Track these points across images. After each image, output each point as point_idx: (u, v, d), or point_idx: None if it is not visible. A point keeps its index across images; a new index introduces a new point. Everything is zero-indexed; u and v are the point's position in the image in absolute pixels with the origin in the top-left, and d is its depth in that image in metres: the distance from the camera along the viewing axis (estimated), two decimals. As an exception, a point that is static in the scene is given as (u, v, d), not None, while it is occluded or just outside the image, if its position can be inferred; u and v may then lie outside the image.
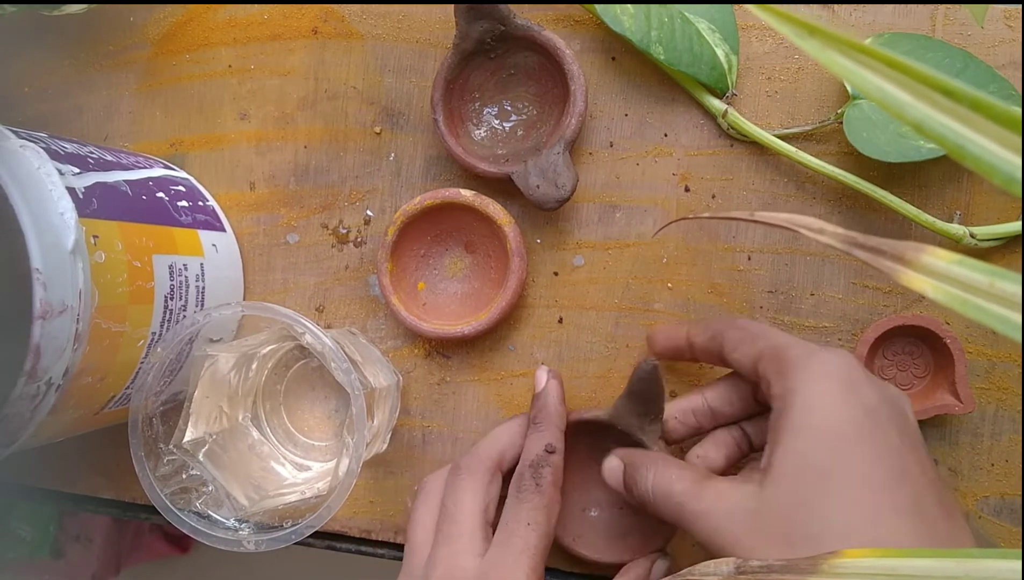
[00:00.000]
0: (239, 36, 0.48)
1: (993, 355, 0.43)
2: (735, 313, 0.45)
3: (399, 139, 0.47)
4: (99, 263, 0.35)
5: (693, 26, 0.42)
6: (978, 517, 0.44)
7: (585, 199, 0.46)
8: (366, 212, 0.48)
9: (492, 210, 0.44)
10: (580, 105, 0.43)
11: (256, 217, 0.48)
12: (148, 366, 0.39)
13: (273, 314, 0.38)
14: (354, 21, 0.47)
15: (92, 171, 0.38)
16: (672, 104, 0.45)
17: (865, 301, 0.44)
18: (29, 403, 0.33)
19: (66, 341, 0.33)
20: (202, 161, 0.49)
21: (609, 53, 0.45)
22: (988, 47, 0.43)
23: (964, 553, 0.19)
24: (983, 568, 0.18)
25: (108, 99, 0.49)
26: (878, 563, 0.20)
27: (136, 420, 0.38)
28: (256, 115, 0.48)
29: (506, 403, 0.47)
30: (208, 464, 0.41)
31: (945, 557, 0.19)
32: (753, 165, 0.45)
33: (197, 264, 0.43)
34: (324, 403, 0.47)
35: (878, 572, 0.20)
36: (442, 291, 0.47)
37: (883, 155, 0.40)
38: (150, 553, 1.09)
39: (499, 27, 0.42)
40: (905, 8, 0.43)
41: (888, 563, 0.20)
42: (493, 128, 0.46)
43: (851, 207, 0.44)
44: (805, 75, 0.44)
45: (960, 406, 0.41)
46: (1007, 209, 0.43)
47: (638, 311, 0.46)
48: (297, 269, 0.48)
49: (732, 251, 0.45)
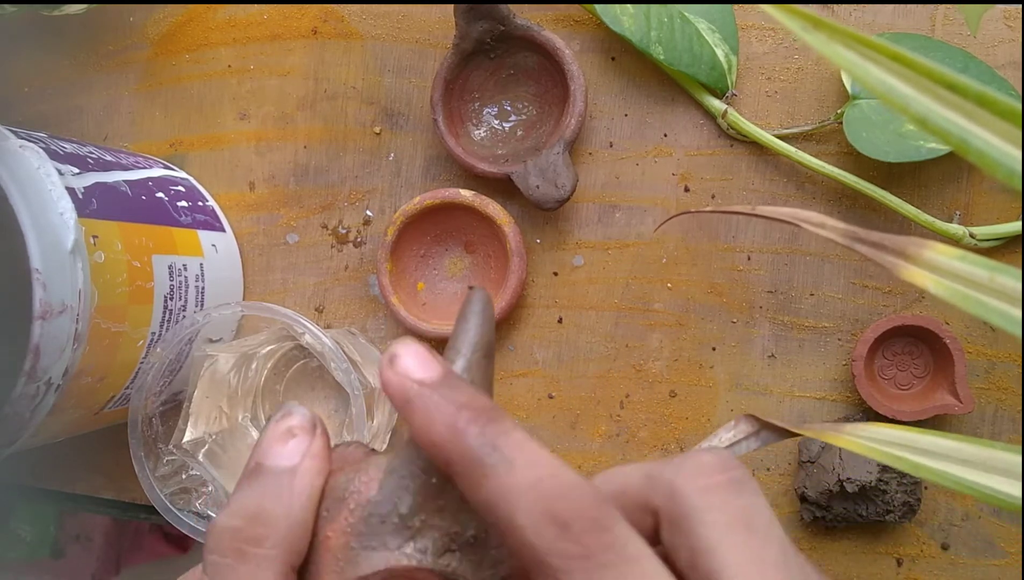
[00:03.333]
0: (239, 36, 0.48)
1: (993, 355, 0.44)
2: (735, 313, 0.45)
3: (399, 139, 0.47)
4: (99, 263, 0.35)
5: (693, 26, 0.42)
6: (978, 517, 0.44)
7: (585, 199, 0.46)
8: (366, 212, 0.48)
9: (492, 210, 0.44)
10: (580, 105, 0.43)
11: (256, 217, 0.48)
12: (148, 366, 0.39)
13: (273, 314, 0.38)
14: (354, 21, 0.47)
15: (92, 171, 0.38)
16: (672, 104, 0.45)
17: (865, 301, 0.44)
18: (29, 403, 0.33)
19: (66, 341, 0.33)
20: (202, 161, 0.49)
21: (609, 53, 0.45)
22: (988, 47, 0.43)
23: (979, 442, 0.19)
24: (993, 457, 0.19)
25: (108, 99, 0.49)
26: (899, 434, 0.21)
27: (136, 420, 0.38)
28: (256, 115, 0.48)
29: (506, 403, 0.47)
30: (208, 464, 0.41)
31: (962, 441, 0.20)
32: (753, 165, 0.45)
33: (197, 264, 0.43)
34: (324, 403, 0.47)
35: (898, 441, 0.21)
36: (442, 291, 0.47)
37: (883, 155, 0.40)
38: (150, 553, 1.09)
39: (499, 27, 0.42)
40: (905, 8, 0.43)
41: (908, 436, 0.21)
42: (493, 128, 0.46)
43: (851, 207, 0.44)
44: (805, 75, 0.44)
45: (960, 406, 0.41)
46: (1007, 209, 0.43)
47: (638, 311, 0.46)
48: (297, 269, 0.48)
49: (732, 251, 0.45)
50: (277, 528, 0.22)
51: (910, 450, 0.21)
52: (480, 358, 0.23)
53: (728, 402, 0.45)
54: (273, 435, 0.23)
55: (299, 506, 0.22)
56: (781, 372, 0.45)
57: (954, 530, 0.44)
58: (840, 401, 0.45)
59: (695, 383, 0.46)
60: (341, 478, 0.23)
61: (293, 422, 0.23)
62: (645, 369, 0.46)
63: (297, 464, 0.22)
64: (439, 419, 0.20)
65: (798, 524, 0.45)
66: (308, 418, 0.23)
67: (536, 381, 0.47)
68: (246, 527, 0.22)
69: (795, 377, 0.45)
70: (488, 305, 0.23)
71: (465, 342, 0.23)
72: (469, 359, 0.23)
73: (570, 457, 0.46)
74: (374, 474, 0.23)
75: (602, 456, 0.46)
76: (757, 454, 0.45)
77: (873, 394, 0.42)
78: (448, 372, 0.21)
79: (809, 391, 0.45)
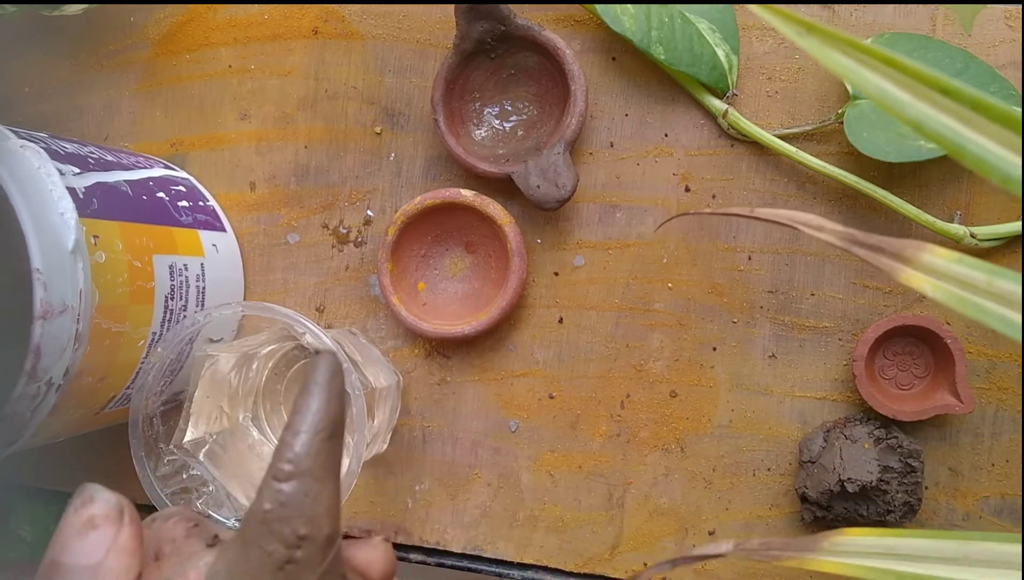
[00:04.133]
0: (239, 36, 0.48)
1: (993, 355, 0.43)
2: (735, 313, 0.45)
3: (399, 139, 0.47)
4: (99, 263, 0.35)
5: (693, 26, 0.42)
6: (979, 517, 0.44)
7: (585, 199, 0.46)
8: (366, 212, 0.48)
9: (492, 210, 0.44)
10: (580, 105, 0.43)
11: (256, 217, 0.48)
12: (148, 366, 0.39)
13: (273, 314, 0.38)
14: (354, 21, 0.47)
15: (92, 171, 0.38)
16: (672, 104, 0.45)
17: (865, 301, 0.44)
18: (29, 403, 0.33)
19: (66, 341, 0.33)
20: (202, 161, 0.49)
21: (609, 53, 0.45)
22: (988, 47, 0.43)
23: (964, 535, 0.19)
24: (982, 550, 0.18)
25: (108, 99, 0.49)
26: (878, 541, 0.20)
27: (136, 420, 0.38)
28: (256, 115, 0.48)
29: (506, 403, 0.47)
30: (208, 464, 0.41)
31: (944, 539, 0.19)
32: (753, 165, 0.45)
33: (197, 264, 0.43)
34: (324, 403, 0.47)
35: (877, 550, 0.20)
36: (442, 291, 0.47)
37: (883, 155, 0.40)
38: (151, 553, 1.09)
39: (499, 27, 0.42)
40: (905, 8, 0.43)
41: (887, 542, 0.20)
42: (493, 128, 0.46)
43: (851, 207, 0.44)
44: (805, 75, 0.44)
45: (960, 406, 0.41)
46: (1007, 209, 0.43)
47: (638, 311, 0.46)
48: (297, 269, 0.48)
49: (732, 251, 0.45)
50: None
51: (893, 558, 0.21)
52: (324, 441, 0.20)
53: (729, 402, 0.45)
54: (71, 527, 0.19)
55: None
56: (782, 372, 0.45)
57: (955, 530, 0.44)
58: (841, 401, 0.45)
59: (696, 383, 0.46)
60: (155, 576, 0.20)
61: (95, 510, 0.19)
62: (646, 369, 0.46)
63: (100, 561, 0.19)
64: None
65: (798, 524, 0.45)
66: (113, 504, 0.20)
67: (536, 381, 0.47)
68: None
69: (796, 377, 0.45)
70: (337, 374, 0.20)
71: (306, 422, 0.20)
72: (308, 442, 0.20)
73: (571, 457, 0.46)
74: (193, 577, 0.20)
75: (602, 456, 0.46)
76: (757, 454, 0.45)
77: (874, 394, 0.42)
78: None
79: (810, 391, 0.45)
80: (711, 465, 0.46)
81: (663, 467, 0.46)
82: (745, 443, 0.45)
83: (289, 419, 0.20)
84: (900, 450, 0.42)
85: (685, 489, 0.46)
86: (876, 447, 0.42)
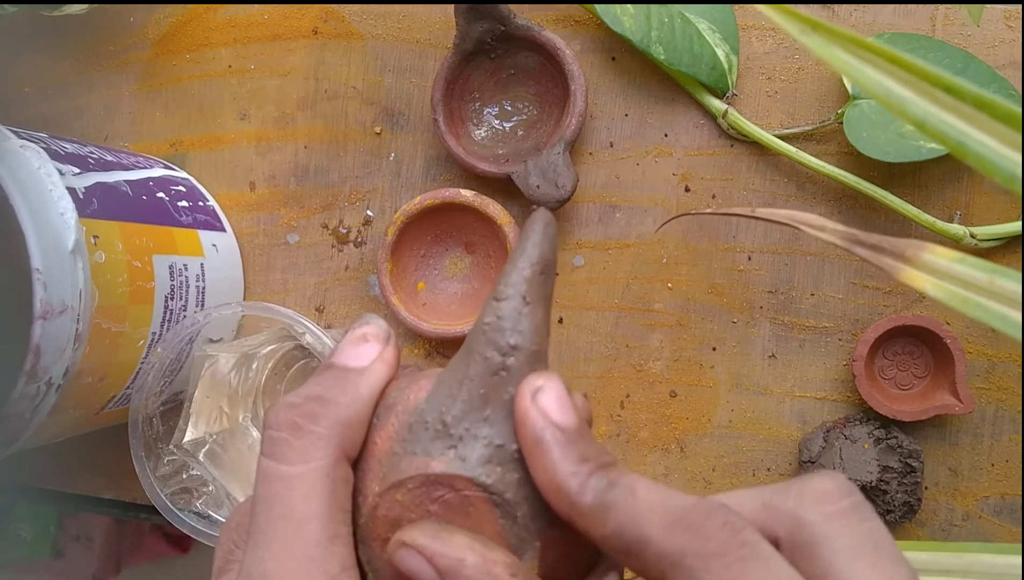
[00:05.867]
0: (239, 36, 0.48)
1: (993, 355, 0.43)
2: (735, 313, 0.45)
3: (399, 139, 0.47)
4: (99, 263, 0.35)
5: (693, 26, 0.42)
6: (978, 517, 0.44)
7: (585, 199, 0.46)
8: (366, 212, 0.48)
9: (492, 210, 0.44)
10: (580, 105, 0.43)
11: (256, 217, 0.48)
12: (148, 366, 0.39)
13: (273, 314, 0.38)
14: (354, 21, 0.47)
15: (92, 171, 0.38)
16: (672, 104, 0.45)
17: (865, 301, 0.44)
18: (29, 403, 0.33)
19: (66, 341, 0.33)
20: (202, 161, 0.49)
21: (609, 53, 0.45)
22: (988, 47, 0.43)
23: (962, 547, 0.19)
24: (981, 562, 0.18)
25: (108, 99, 0.49)
26: None
27: (136, 420, 0.38)
28: (256, 115, 0.48)
29: (506, 403, 0.47)
30: (208, 464, 0.41)
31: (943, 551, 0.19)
32: (753, 165, 0.45)
33: (197, 264, 0.43)
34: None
35: None
36: (442, 291, 0.47)
37: (883, 155, 0.40)
38: (150, 553, 1.09)
39: (499, 27, 0.42)
40: (905, 8, 0.43)
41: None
42: (493, 128, 0.46)
43: (851, 207, 0.44)
44: (805, 75, 0.44)
45: (960, 406, 0.41)
46: (1007, 209, 0.43)
47: (638, 311, 0.46)
48: (297, 269, 0.48)
49: (732, 251, 0.45)
50: (335, 411, 0.22)
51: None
52: (537, 274, 0.23)
53: (728, 402, 0.45)
54: (349, 339, 0.24)
55: (360, 399, 0.23)
56: (782, 372, 0.45)
57: (954, 530, 0.44)
58: (840, 401, 0.45)
59: (695, 383, 0.46)
60: (394, 388, 0.24)
61: (369, 330, 0.24)
62: (645, 369, 0.46)
63: (366, 366, 0.23)
64: (563, 469, 0.20)
65: (798, 524, 0.45)
66: (384, 329, 0.25)
67: (536, 381, 0.47)
68: (305, 404, 0.22)
69: (796, 377, 0.45)
70: (551, 224, 0.24)
71: (523, 257, 0.23)
72: (527, 274, 0.23)
73: (570, 457, 0.46)
74: (424, 384, 0.23)
75: (602, 456, 0.46)
76: (757, 454, 0.45)
77: (873, 394, 0.42)
78: (581, 424, 0.21)
79: (810, 391, 0.45)
80: (711, 465, 0.46)
81: (663, 467, 0.46)
82: (745, 443, 0.45)
83: (510, 256, 0.23)
84: (900, 450, 0.42)
85: (685, 489, 0.46)
86: (876, 447, 0.42)
